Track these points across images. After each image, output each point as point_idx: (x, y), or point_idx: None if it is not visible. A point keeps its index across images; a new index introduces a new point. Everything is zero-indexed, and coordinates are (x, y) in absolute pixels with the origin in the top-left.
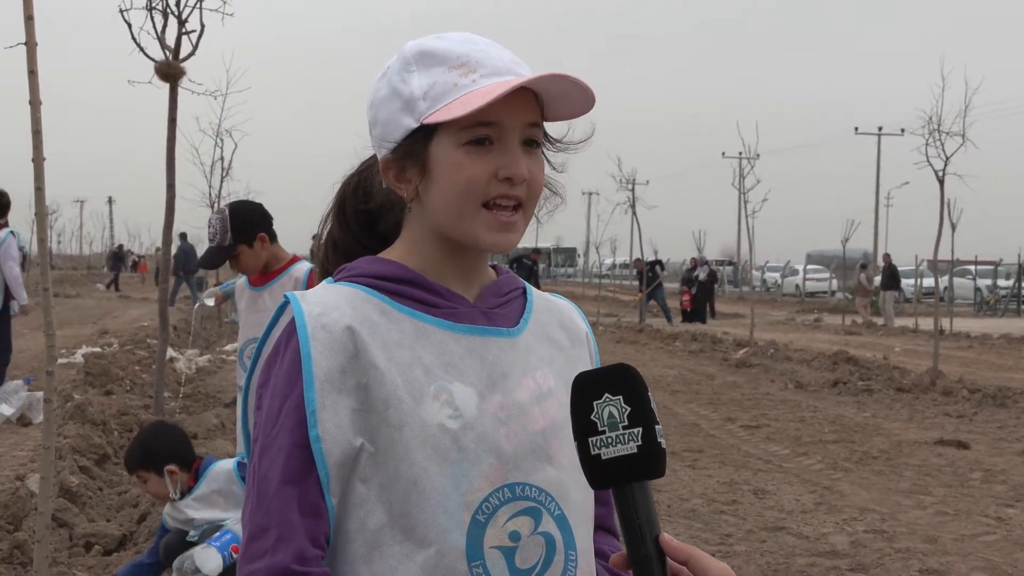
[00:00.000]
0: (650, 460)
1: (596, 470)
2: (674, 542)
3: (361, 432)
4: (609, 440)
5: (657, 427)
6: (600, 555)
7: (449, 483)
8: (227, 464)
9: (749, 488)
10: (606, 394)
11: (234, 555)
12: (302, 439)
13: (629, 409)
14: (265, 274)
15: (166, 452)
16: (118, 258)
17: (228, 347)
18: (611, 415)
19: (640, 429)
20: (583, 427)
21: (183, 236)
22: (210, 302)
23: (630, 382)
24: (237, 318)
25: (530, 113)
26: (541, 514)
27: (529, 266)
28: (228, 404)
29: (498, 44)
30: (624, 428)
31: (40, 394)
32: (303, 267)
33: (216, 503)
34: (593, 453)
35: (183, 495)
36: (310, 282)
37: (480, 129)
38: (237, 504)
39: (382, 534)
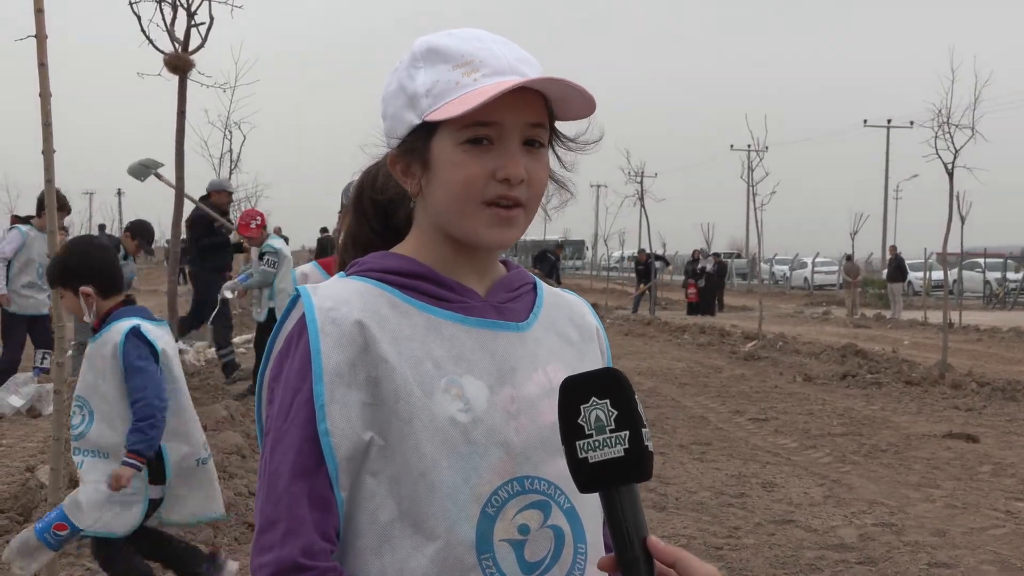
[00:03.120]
0: (637, 463)
1: (583, 473)
2: (661, 544)
3: (371, 426)
4: (596, 444)
5: (644, 430)
6: (609, 549)
7: (459, 476)
8: (121, 328)
9: (757, 481)
10: (593, 398)
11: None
12: (312, 433)
13: (616, 413)
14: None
15: (84, 273)
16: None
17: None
18: (598, 419)
19: (627, 432)
20: (570, 431)
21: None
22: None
23: (617, 386)
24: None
25: (533, 113)
26: (550, 507)
27: (552, 261)
28: (237, 396)
29: (507, 42)
30: (611, 432)
31: (49, 386)
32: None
33: (98, 368)
34: (580, 456)
35: (96, 331)
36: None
37: (478, 129)
38: (115, 381)
39: (392, 527)
